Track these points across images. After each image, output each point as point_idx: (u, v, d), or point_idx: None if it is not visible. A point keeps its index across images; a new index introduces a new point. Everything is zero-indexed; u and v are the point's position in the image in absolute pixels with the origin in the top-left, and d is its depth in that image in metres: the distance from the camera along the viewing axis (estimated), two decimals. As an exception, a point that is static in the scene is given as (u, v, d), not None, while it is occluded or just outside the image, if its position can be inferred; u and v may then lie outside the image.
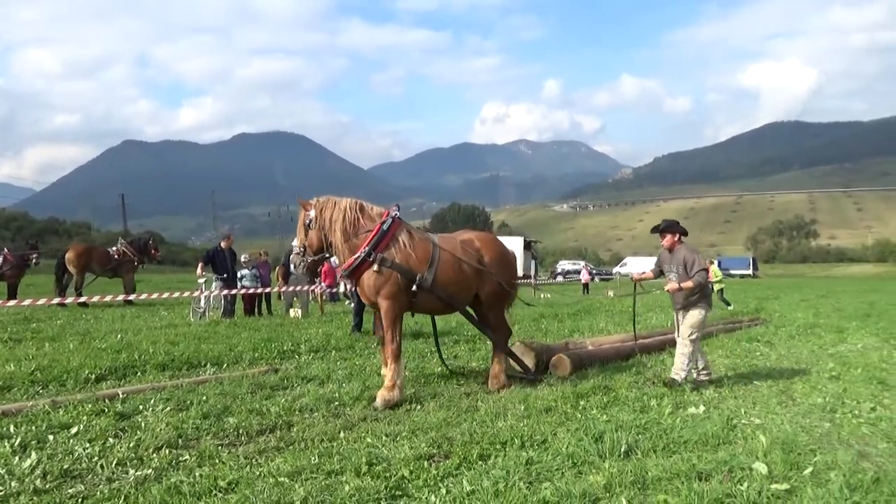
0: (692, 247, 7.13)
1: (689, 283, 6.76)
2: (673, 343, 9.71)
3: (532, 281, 29.71)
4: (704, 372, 7.13)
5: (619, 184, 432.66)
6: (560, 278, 48.98)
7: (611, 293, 26.54)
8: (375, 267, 6.33)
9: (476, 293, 6.94)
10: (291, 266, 14.06)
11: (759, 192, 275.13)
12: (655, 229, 7.26)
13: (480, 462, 4.32)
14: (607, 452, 4.40)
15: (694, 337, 6.90)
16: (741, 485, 3.81)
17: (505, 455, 4.43)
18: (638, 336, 10.55)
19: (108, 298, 14.89)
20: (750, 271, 73.70)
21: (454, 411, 5.74)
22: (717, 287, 20.23)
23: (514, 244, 41.63)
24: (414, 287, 6.43)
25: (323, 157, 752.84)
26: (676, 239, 7.03)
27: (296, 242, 6.97)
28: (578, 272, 49.11)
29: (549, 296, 25.17)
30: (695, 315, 6.93)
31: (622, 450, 4.43)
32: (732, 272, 73.23)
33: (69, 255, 17.57)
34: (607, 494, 3.69)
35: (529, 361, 7.54)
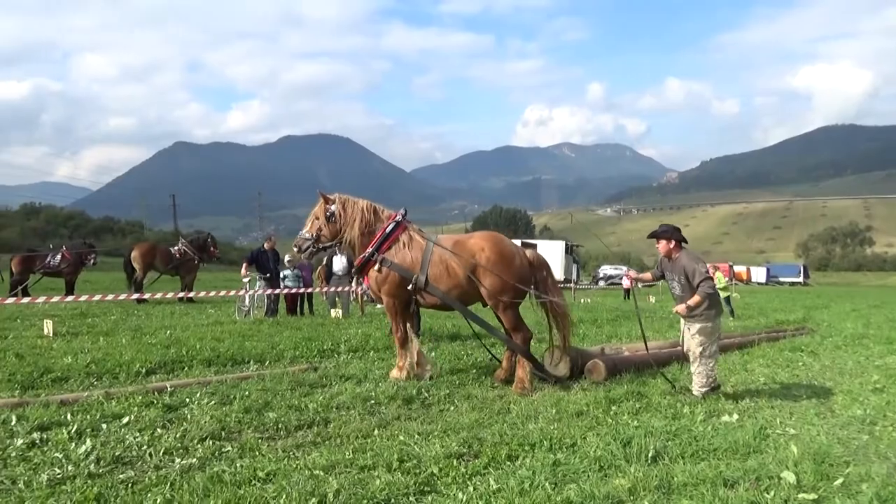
0: (693, 254, 6.67)
1: (695, 300, 6.32)
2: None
3: (572, 285, 29.52)
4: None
5: (665, 188, 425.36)
6: (602, 283, 48.49)
7: (653, 299, 26.20)
8: (377, 266, 6.97)
9: (478, 293, 7.14)
10: (333, 265, 14.37)
11: (811, 197, 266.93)
12: (652, 235, 6.84)
13: (508, 462, 4.42)
14: (634, 457, 4.45)
15: (707, 351, 6.46)
16: (767, 493, 3.83)
17: (533, 456, 4.53)
18: (678, 343, 10.48)
19: (169, 295, 15.46)
20: (800, 279, 71.65)
21: (486, 413, 5.85)
22: (722, 294, 19.65)
23: (554, 248, 41.65)
24: (409, 287, 6.94)
25: (366, 158, 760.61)
26: (672, 246, 6.60)
27: (305, 229, 7.38)
28: (620, 277, 48.56)
29: (588, 300, 25.01)
30: (705, 329, 6.46)
31: (649, 455, 4.48)
32: (782, 280, 71.30)
33: (135, 254, 18.35)
34: (631, 497, 3.76)
35: (564, 366, 7.60)
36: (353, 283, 14.86)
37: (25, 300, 13.26)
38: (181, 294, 16.22)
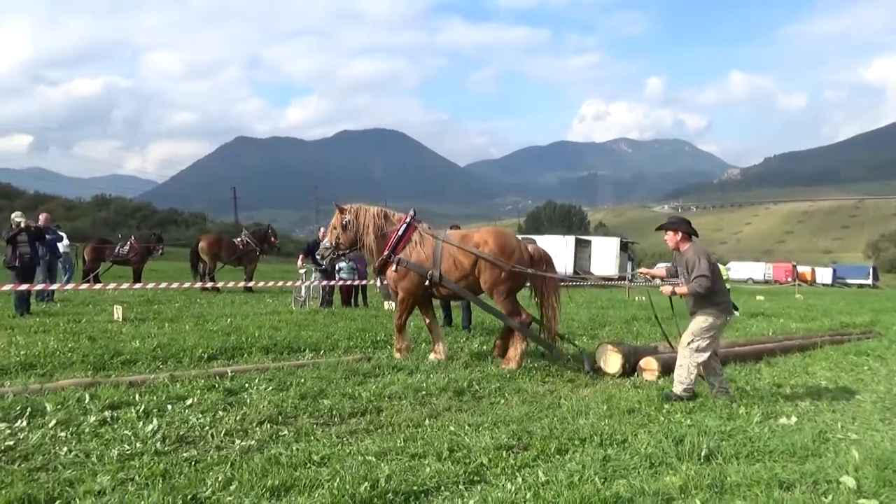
0: (701, 248, 6.42)
1: (683, 289, 6.18)
2: (770, 352, 9.41)
3: (627, 283, 29.04)
4: (721, 388, 6.40)
5: (725, 185, 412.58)
6: (658, 281, 47.55)
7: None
8: (394, 266, 7.65)
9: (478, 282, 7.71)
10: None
11: (882, 195, 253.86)
12: (661, 227, 6.70)
13: (558, 456, 4.44)
14: (686, 455, 4.40)
15: (694, 345, 6.22)
16: (825, 497, 3.73)
17: (583, 451, 4.54)
18: (736, 343, 10.23)
19: (230, 285, 16.00)
20: (869, 281, 68.48)
21: (536, 406, 5.88)
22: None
23: (609, 245, 41.05)
24: (426, 282, 7.60)
25: (420, 153, 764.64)
26: (680, 238, 6.41)
27: (327, 240, 8.07)
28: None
29: (643, 298, 24.57)
30: (698, 321, 6.25)
31: (702, 454, 4.42)
32: (849, 281, 68.34)
33: (202, 245, 19.08)
34: (682, 495, 3.73)
35: (616, 362, 7.55)
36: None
37: (97, 287, 13.95)
38: (250, 284, 16.70)
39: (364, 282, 15.67)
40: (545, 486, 3.78)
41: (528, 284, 8.01)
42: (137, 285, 14.36)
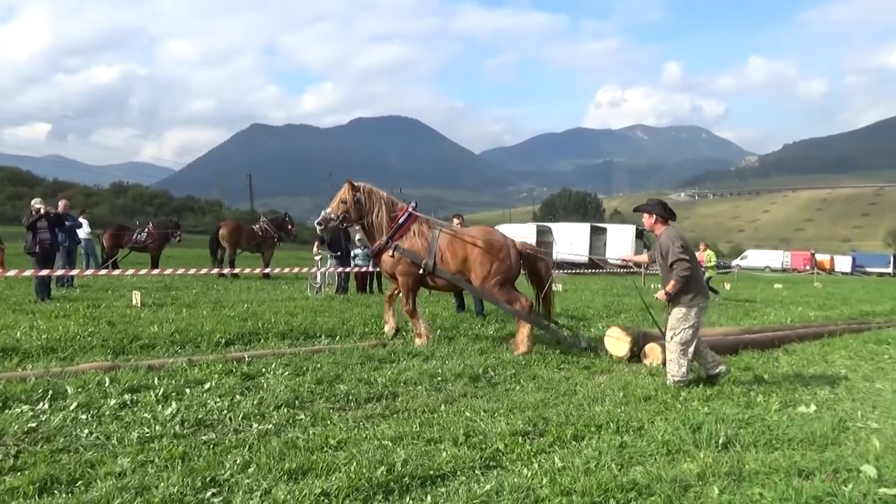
0: (674, 232, 6.36)
1: (671, 285, 6.14)
2: (787, 339, 9.33)
3: (642, 270, 28.87)
4: (713, 363, 6.45)
5: (743, 172, 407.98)
6: (634, 266, 47.19)
7: (727, 286, 25.35)
8: (390, 252, 7.91)
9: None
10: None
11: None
12: (637, 209, 6.71)
13: (574, 442, 4.44)
14: (704, 443, 4.37)
15: (678, 338, 6.19)
16: (845, 486, 3.69)
17: (599, 438, 4.53)
18: (750, 330, 10.14)
19: (246, 271, 16.12)
20: (889, 269, 67.50)
21: (552, 393, 5.87)
22: (708, 273, 18.29)
23: (625, 232, 40.79)
24: (420, 271, 7.88)
25: (435, 141, 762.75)
26: (654, 221, 6.42)
27: (331, 210, 8.09)
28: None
29: (659, 286, 24.42)
30: (675, 315, 6.23)
31: (720, 441, 4.39)
32: (869, 270, 67.44)
33: (222, 232, 19.25)
34: (699, 482, 3.71)
35: (624, 345, 7.63)
36: None
37: (116, 273, 14.10)
38: (267, 270, 16.83)
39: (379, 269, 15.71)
40: (561, 471, 3.78)
41: (524, 272, 8.55)
42: (155, 271, 14.49)
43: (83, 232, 17.10)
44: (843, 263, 69.21)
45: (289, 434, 4.35)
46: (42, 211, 11.38)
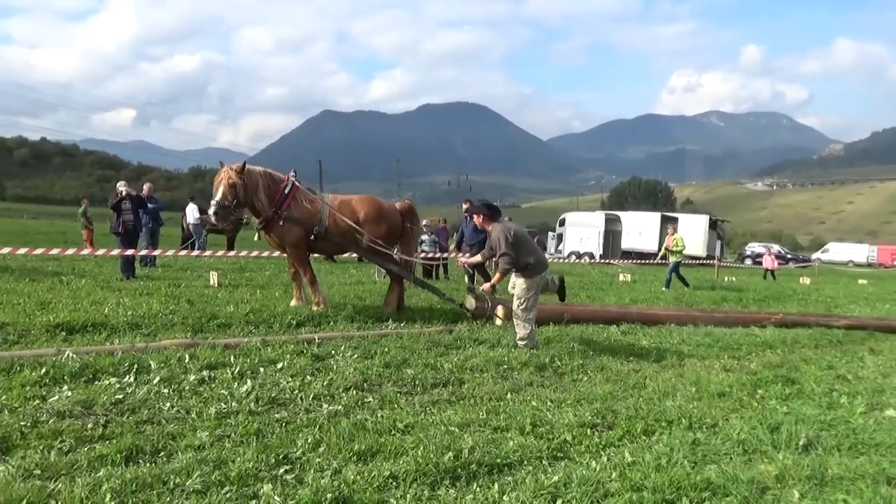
0: (501, 228, 6.99)
1: (496, 278, 7.08)
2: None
3: (715, 262, 27.93)
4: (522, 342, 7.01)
5: (826, 161, 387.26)
6: (749, 261, 45.39)
7: (807, 280, 24.23)
8: (281, 222, 8.04)
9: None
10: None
11: None
12: (467, 211, 7.99)
13: (644, 437, 4.34)
14: (783, 444, 4.19)
15: (522, 307, 6.95)
16: (939, 496, 3.47)
17: (670, 433, 4.41)
18: (774, 315, 10.09)
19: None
20: None
21: (621, 386, 5.76)
22: (673, 259, 16.81)
23: (697, 223, 39.47)
24: (312, 236, 8.19)
25: (502, 127, 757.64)
26: (482, 220, 7.21)
27: (220, 196, 7.84)
28: (774, 255, 45.03)
29: (734, 279, 23.57)
30: (519, 286, 6.99)
31: (800, 443, 4.21)
32: (964, 267, 62.97)
33: None
34: (778, 485, 3.56)
35: (472, 301, 8.42)
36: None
37: (194, 254, 14.71)
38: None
39: (446, 255, 15.78)
40: (631, 466, 3.70)
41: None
42: (231, 253, 15.02)
43: (191, 216, 18.21)
44: (937, 259, 64.83)
45: (357, 416, 4.44)
46: (125, 193, 11.94)
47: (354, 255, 15.06)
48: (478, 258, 8.04)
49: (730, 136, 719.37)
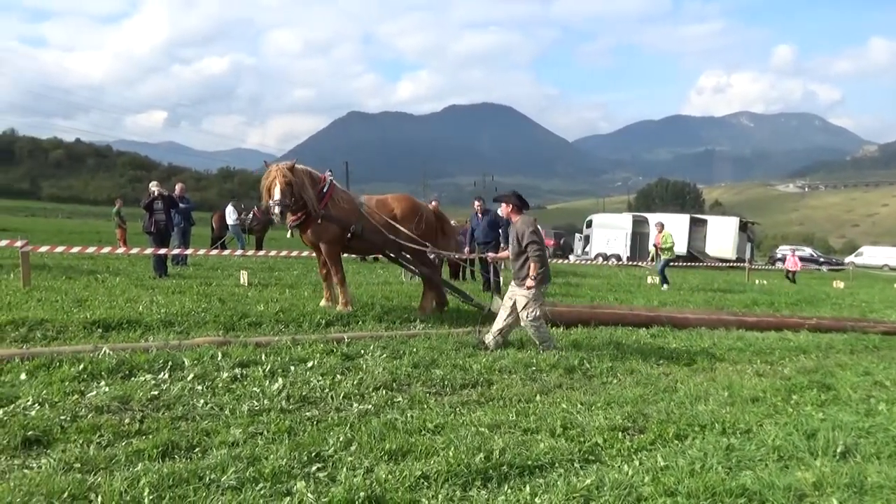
0: (528, 219, 7.00)
1: (533, 268, 6.71)
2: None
3: (746, 265, 27.48)
4: (498, 338, 7.01)
5: (860, 162, 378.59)
6: (779, 264, 44.62)
7: (841, 284, 23.72)
8: (319, 221, 8.06)
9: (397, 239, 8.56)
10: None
11: None
12: (496, 199, 7.64)
13: (676, 441, 4.29)
14: (820, 451, 4.11)
15: (530, 315, 6.84)
16: None
17: (703, 438, 4.35)
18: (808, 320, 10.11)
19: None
20: None
21: (651, 389, 5.69)
22: (664, 256, 16.79)
23: (727, 225, 38.88)
24: (349, 235, 8.21)
25: (528, 128, 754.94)
26: (511, 210, 7.07)
27: (279, 196, 7.82)
28: (806, 258, 44.18)
29: (765, 282, 23.18)
30: (526, 294, 6.80)
31: (838, 450, 4.12)
32: None
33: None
34: (816, 493, 3.49)
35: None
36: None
37: (225, 253, 14.92)
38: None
39: (473, 256, 15.76)
40: (664, 471, 3.66)
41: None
42: (260, 253, 15.19)
43: (231, 218, 18.57)
44: (977, 264, 62.98)
45: (388, 415, 4.46)
46: (157, 193, 12.15)
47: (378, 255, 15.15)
48: (505, 254, 7.95)
49: (760, 138, 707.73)
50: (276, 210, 7.84)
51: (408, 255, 8.91)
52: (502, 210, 7.64)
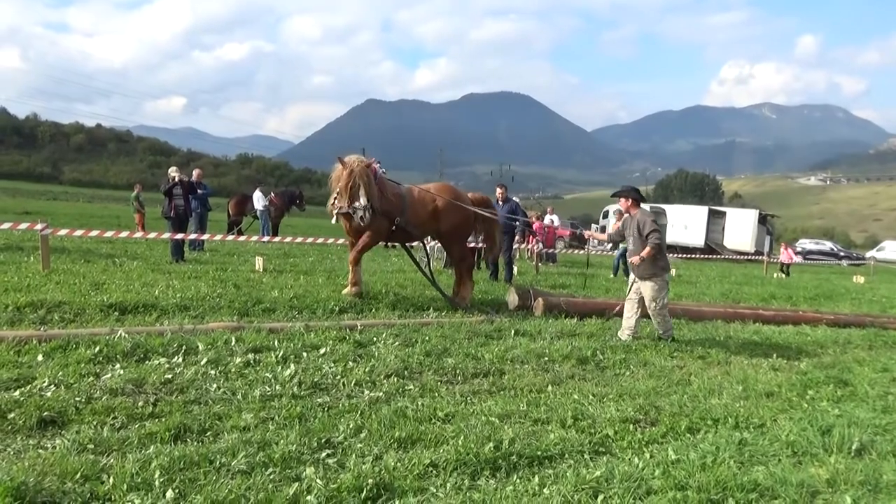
0: (648, 212, 7.53)
1: (647, 251, 7.12)
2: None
3: (764, 258, 27.17)
4: (628, 332, 7.42)
5: (884, 155, 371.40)
6: (799, 258, 44.07)
7: (861, 279, 23.36)
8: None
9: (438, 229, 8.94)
10: None
11: None
12: (615, 194, 7.92)
13: (688, 435, 4.26)
14: (835, 447, 4.06)
15: (658, 305, 7.31)
16: None
17: (716, 432, 4.32)
18: (826, 315, 9.86)
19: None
20: None
21: (664, 382, 5.66)
22: (623, 245, 16.27)
23: (746, 217, 38.44)
24: (393, 227, 8.36)
25: (547, 117, 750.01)
26: (630, 204, 7.52)
27: (364, 198, 7.79)
28: (826, 252, 43.56)
29: (783, 276, 22.92)
30: (651, 287, 7.28)
31: (853, 447, 4.06)
32: None
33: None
34: (829, 489, 3.45)
35: (515, 298, 8.88)
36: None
37: (241, 238, 15.02)
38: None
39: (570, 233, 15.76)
40: (675, 464, 3.63)
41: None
42: (276, 239, 15.27)
43: (259, 203, 18.69)
44: None
45: (398, 403, 4.46)
46: (177, 179, 12.23)
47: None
48: (604, 236, 8.86)
49: (782, 129, 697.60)
50: (366, 215, 7.81)
51: (443, 245, 9.20)
52: (622, 204, 7.75)
